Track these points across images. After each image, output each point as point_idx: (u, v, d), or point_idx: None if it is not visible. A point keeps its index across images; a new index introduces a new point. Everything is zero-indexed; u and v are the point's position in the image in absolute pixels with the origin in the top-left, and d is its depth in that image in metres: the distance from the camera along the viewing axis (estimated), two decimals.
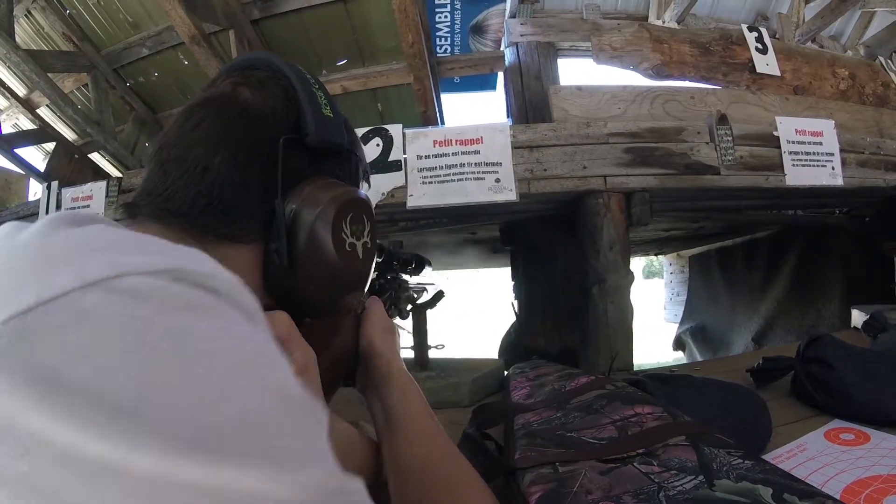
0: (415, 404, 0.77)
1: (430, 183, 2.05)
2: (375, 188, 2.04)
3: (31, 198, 3.45)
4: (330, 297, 0.68)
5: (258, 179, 0.61)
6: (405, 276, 1.18)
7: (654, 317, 6.04)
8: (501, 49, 3.47)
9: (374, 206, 0.73)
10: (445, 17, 3.25)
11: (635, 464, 0.72)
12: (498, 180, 2.04)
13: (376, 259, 1.04)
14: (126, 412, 0.28)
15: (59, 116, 3.78)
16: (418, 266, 1.23)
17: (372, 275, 0.74)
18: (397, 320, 1.06)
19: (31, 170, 3.58)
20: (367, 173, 0.81)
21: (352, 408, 0.96)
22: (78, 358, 0.29)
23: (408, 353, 1.59)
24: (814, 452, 1.02)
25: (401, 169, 2.07)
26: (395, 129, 2.11)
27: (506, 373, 1.69)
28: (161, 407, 0.29)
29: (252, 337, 0.37)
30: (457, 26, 3.29)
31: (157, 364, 0.31)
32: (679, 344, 5.08)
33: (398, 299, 1.09)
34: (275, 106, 0.65)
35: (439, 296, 1.33)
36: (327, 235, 0.62)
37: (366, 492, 0.36)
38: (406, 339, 0.93)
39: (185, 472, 0.27)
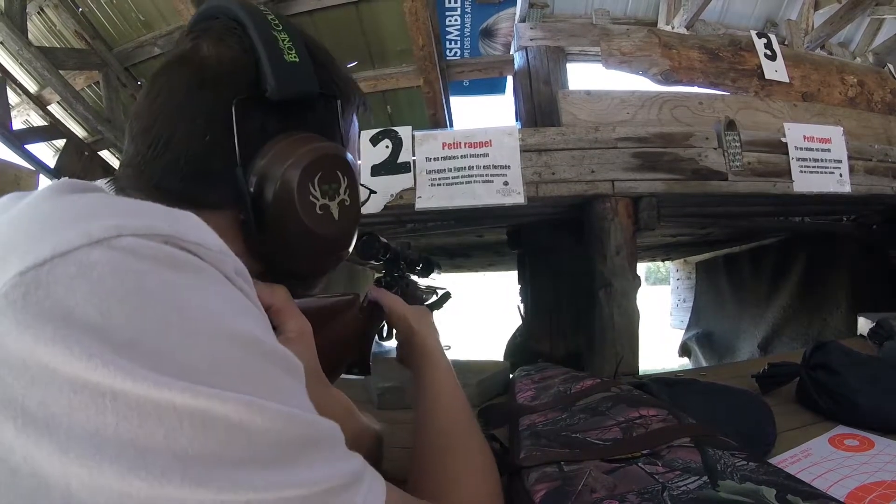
0: (444, 379, 0.84)
1: (439, 185, 2.06)
2: (384, 189, 2.05)
3: None
4: (311, 262, 0.65)
5: (221, 145, 0.58)
6: (413, 277, 1.18)
7: (661, 323, 6.03)
8: (511, 53, 3.47)
9: (357, 161, 0.69)
10: (456, 20, 3.26)
11: (640, 464, 0.72)
12: (506, 183, 2.05)
13: (382, 256, 1.06)
14: (123, 346, 0.33)
15: (69, 113, 3.79)
16: (426, 268, 1.23)
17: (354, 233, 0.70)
18: None
19: (41, 166, 3.59)
20: (362, 106, 0.77)
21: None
22: (85, 302, 0.34)
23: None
24: (818, 458, 1.02)
25: (410, 171, 2.08)
26: (404, 132, 2.12)
27: (511, 375, 1.69)
28: (151, 344, 0.35)
29: (224, 294, 0.42)
30: (467, 30, 3.30)
31: (149, 309, 0.36)
32: (685, 350, 5.08)
33: (405, 297, 1.09)
34: (232, 60, 0.61)
35: (446, 297, 1.33)
36: (293, 202, 0.59)
37: (341, 435, 0.43)
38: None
39: (170, 396, 0.33)
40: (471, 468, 0.70)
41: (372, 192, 0.84)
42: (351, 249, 0.71)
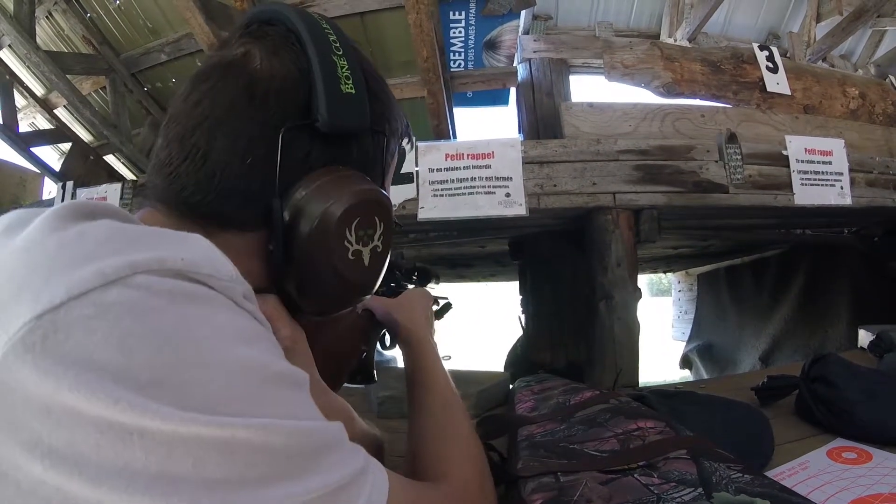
0: (432, 367, 0.87)
1: (442, 196, 2.07)
2: None
3: (46, 196, 3.49)
4: (331, 302, 0.64)
5: (260, 168, 0.56)
6: (411, 287, 1.18)
7: (662, 335, 6.02)
8: (514, 65, 3.50)
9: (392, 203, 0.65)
10: (460, 32, 3.28)
11: (636, 475, 0.73)
12: (508, 195, 2.06)
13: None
14: (146, 386, 0.34)
15: (76, 118, 3.81)
16: (422, 277, 1.23)
17: (380, 278, 0.67)
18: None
19: (46, 169, 3.62)
20: (406, 137, 0.76)
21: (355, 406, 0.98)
22: (105, 343, 0.34)
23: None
24: (815, 470, 1.02)
25: (412, 181, 2.09)
26: None
27: (511, 386, 1.69)
28: (172, 380, 0.36)
29: (234, 322, 0.43)
30: (471, 42, 3.32)
31: (168, 347, 0.37)
32: (686, 362, 5.06)
33: None
34: (284, 79, 0.58)
35: (447, 307, 1.33)
36: (326, 244, 0.57)
37: (345, 433, 0.46)
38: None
39: (196, 430, 0.35)
40: (463, 451, 0.73)
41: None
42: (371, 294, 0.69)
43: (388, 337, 1.03)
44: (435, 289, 1.33)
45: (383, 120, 0.66)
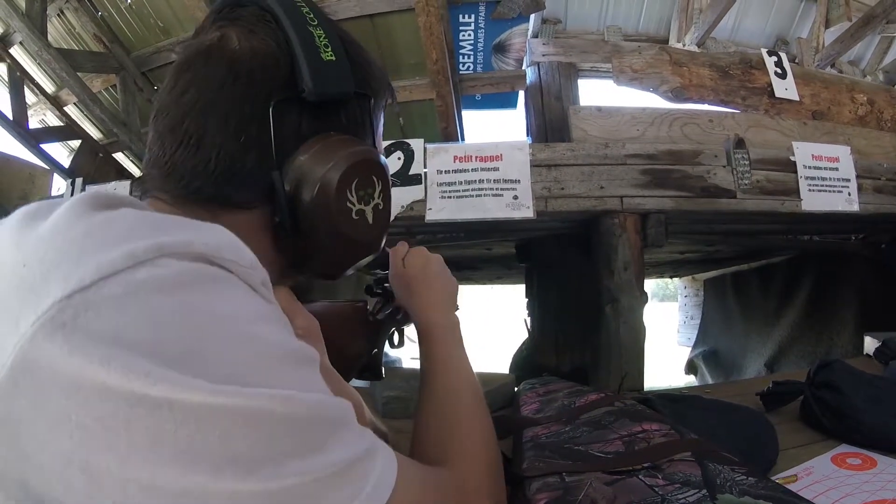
0: (440, 375, 0.83)
1: (449, 197, 2.08)
2: (396, 201, 2.07)
3: (55, 193, 3.50)
4: (341, 263, 0.67)
5: (254, 145, 0.58)
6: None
7: (668, 340, 6.01)
8: (523, 68, 3.50)
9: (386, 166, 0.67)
10: (469, 35, 3.28)
11: (640, 476, 0.73)
12: (516, 197, 2.06)
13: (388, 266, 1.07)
14: (175, 360, 0.36)
15: (86, 115, 3.81)
16: None
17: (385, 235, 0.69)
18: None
19: (55, 165, 3.63)
20: (390, 98, 0.75)
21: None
22: (135, 321, 0.36)
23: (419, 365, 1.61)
24: (820, 476, 1.03)
25: (421, 183, 2.10)
26: (416, 144, 2.14)
27: (516, 388, 1.70)
28: (199, 355, 0.37)
29: (252, 303, 0.45)
30: (480, 45, 3.32)
31: (194, 323, 0.39)
32: (691, 368, 5.05)
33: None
34: (265, 55, 0.59)
35: None
36: (330, 207, 0.59)
37: (353, 412, 0.47)
38: (417, 352, 0.95)
39: (224, 400, 0.36)
40: (474, 437, 0.73)
41: (394, 181, 0.84)
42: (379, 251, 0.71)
43: (396, 336, 1.04)
44: None
45: (366, 83, 0.67)
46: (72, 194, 2.63)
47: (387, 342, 1.03)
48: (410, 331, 1.06)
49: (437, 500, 0.58)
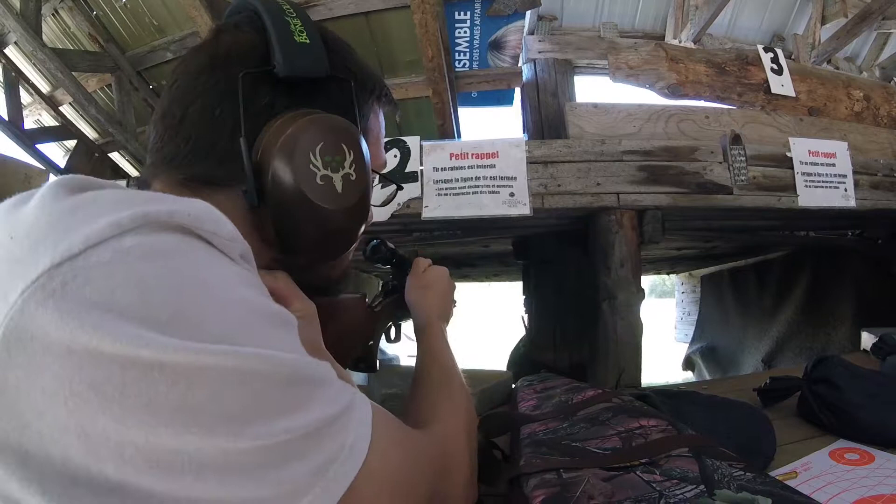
0: (435, 359, 0.92)
1: (446, 195, 2.08)
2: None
3: None
4: (315, 237, 0.63)
5: (229, 121, 0.60)
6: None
7: (665, 336, 6.02)
8: (519, 65, 3.49)
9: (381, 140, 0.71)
10: (465, 32, 3.27)
11: (638, 472, 0.73)
12: (512, 194, 2.06)
13: (389, 261, 1.08)
14: (164, 323, 0.37)
15: (81, 115, 3.80)
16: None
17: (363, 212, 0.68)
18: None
19: (51, 165, 3.61)
20: (384, 96, 0.77)
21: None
22: (124, 285, 0.37)
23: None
24: (818, 471, 1.03)
25: (417, 180, 2.10)
26: (412, 141, 2.14)
27: (514, 385, 1.69)
28: (187, 317, 0.39)
29: (231, 270, 0.46)
30: (476, 42, 3.31)
31: (180, 287, 0.40)
32: (689, 364, 5.06)
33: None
34: (244, 43, 0.63)
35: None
36: (291, 170, 0.59)
37: (333, 372, 0.48)
38: (413, 349, 0.97)
39: (213, 360, 0.37)
40: (453, 405, 0.80)
41: (399, 186, 0.85)
42: (361, 232, 0.69)
43: (393, 330, 1.06)
44: None
45: (345, 69, 0.69)
46: None
47: (383, 336, 1.04)
48: (408, 328, 1.08)
49: (419, 449, 0.61)
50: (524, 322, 2.94)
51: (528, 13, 3.41)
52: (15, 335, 0.34)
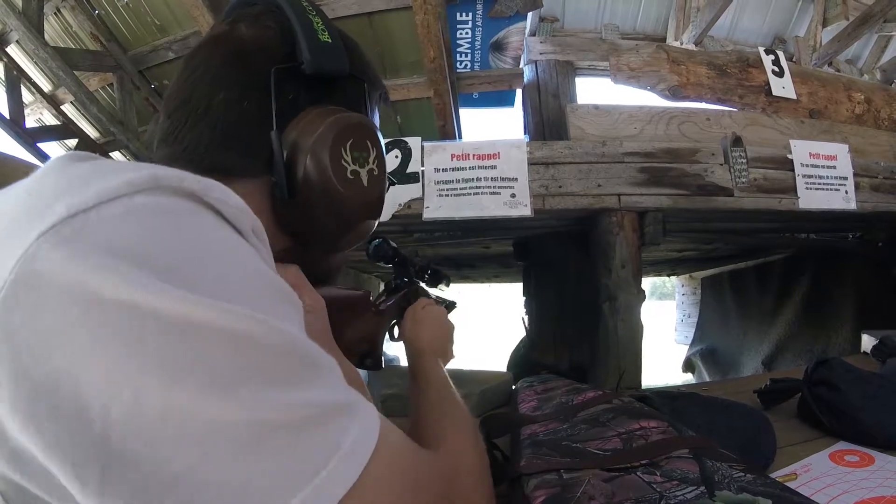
0: (430, 384, 0.88)
1: (447, 196, 2.08)
2: (393, 199, 2.07)
3: None
4: (338, 228, 0.67)
5: (257, 113, 0.62)
6: (422, 285, 1.20)
7: (666, 338, 6.02)
8: (520, 66, 3.49)
9: (380, 133, 0.71)
10: (467, 33, 3.27)
11: (638, 473, 0.73)
12: (513, 195, 2.06)
13: (392, 261, 1.09)
14: (164, 272, 0.37)
15: (82, 114, 3.79)
16: (434, 277, 1.26)
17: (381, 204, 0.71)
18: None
19: None
20: (383, 97, 0.80)
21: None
22: (131, 236, 0.37)
23: None
24: (818, 473, 1.03)
25: (418, 181, 2.10)
26: (413, 142, 2.14)
27: (514, 386, 1.69)
28: (188, 270, 0.38)
29: (238, 240, 0.45)
30: (477, 43, 3.31)
31: (185, 243, 0.40)
32: (689, 366, 5.06)
33: (410, 302, 1.12)
34: (269, 38, 0.65)
35: (451, 307, 1.34)
36: (325, 164, 0.61)
37: (339, 370, 0.46)
38: None
39: (208, 315, 0.37)
40: (465, 430, 0.74)
41: (392, 182, 0.86)
42: (376, 224, 0.73)
43: (396, 329, 1.07)
44: (444, 291, 1.34)
45: (361, 70, 0.71)
46: None
47: (387, 334, 1.05)
48: None
49: (427, 471, 0.56)
50: (524, 323, 2.94)
51: (530, 15, 3.42)
52: (24, 278, 0.35)
